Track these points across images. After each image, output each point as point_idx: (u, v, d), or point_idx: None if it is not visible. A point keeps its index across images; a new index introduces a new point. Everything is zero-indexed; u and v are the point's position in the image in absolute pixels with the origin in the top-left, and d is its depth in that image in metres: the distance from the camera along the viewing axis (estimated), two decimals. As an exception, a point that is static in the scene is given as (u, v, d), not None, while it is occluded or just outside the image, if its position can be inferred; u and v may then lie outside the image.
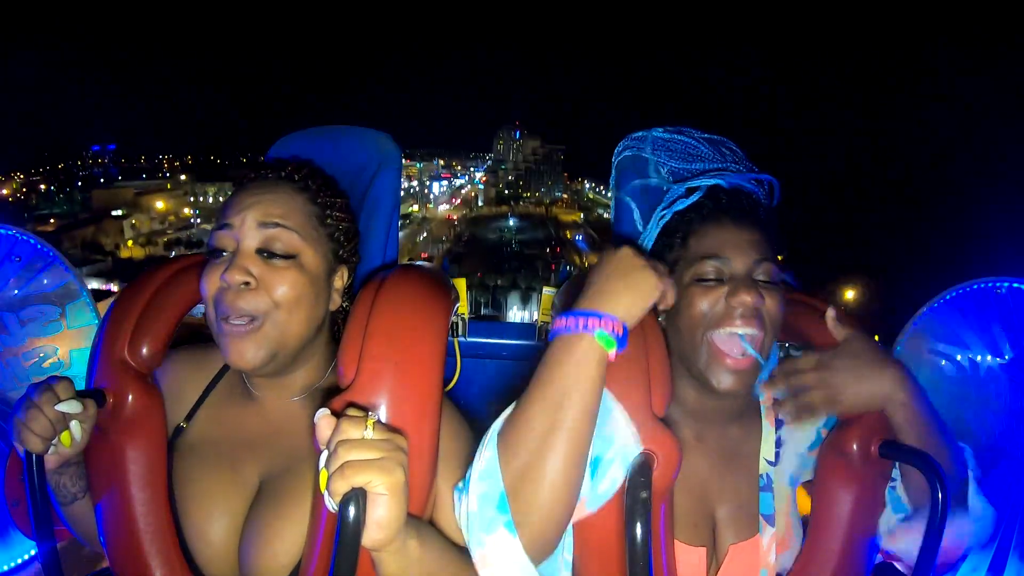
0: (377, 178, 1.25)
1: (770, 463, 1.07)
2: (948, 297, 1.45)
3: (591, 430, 0.82)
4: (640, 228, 1.18)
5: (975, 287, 1.42)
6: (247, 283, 0.91)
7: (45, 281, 1.54)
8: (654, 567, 0.83)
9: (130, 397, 0.97)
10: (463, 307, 1.40)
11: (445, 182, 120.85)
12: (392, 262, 1.23)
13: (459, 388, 1.42)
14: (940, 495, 0.89)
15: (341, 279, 1.04)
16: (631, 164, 1.25)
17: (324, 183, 1.05)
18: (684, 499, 1.01)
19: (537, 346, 1.51)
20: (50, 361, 1.56)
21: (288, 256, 0.94)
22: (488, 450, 0.83)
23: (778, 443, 1.08)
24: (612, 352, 0.82)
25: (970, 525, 0.97)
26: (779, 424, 1.09)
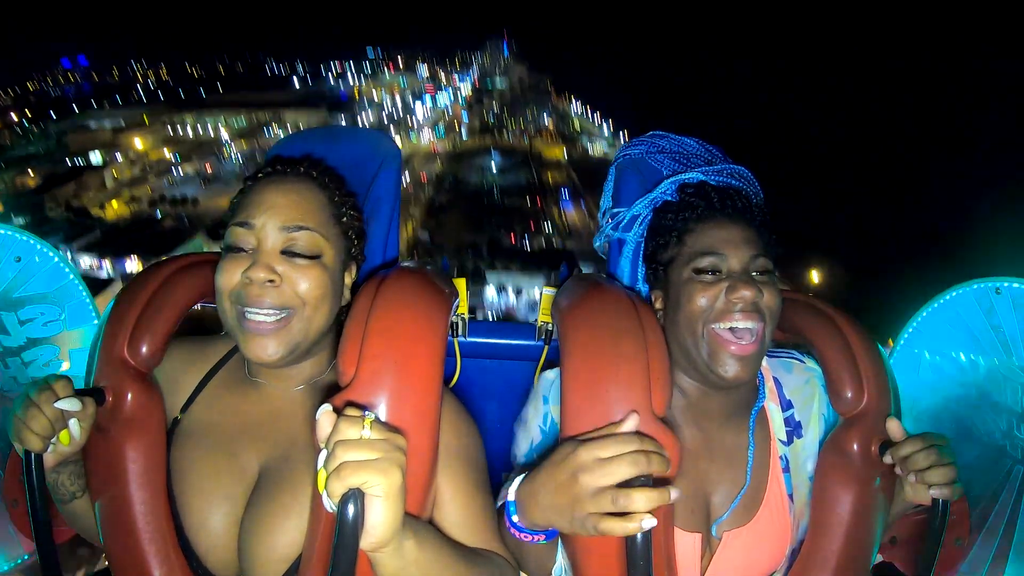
0: (378, 178, 1.26)
1: (783, 443, 1.09)
2: (948, 297, 1.45)
3: None
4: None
5: (975, 287, 1.42)
6: (271, 280, 0.91)
7: (45, 281, 1.54)
8: (654, 567, 0.83)
9: (129, 396, 0.97)
10: (463, 307, 1.40)
11: (429, 99, 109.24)
12: (392, 261, 1.23)
13: (459, 388, 1.42)
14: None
15: (351, 275, 1.05)
16: (631, 165, 1.27)
17: (339, 181, 1.06)
18: (683, 486, 1.01)
19: (537, 346, 1.51)
20: (50, 361, 1.56)
21: (311, 256, 0.95)
22: None
23: (790, 423, 1.10)
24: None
25: None
26: (786, 405, 1.11)
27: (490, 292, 41.20)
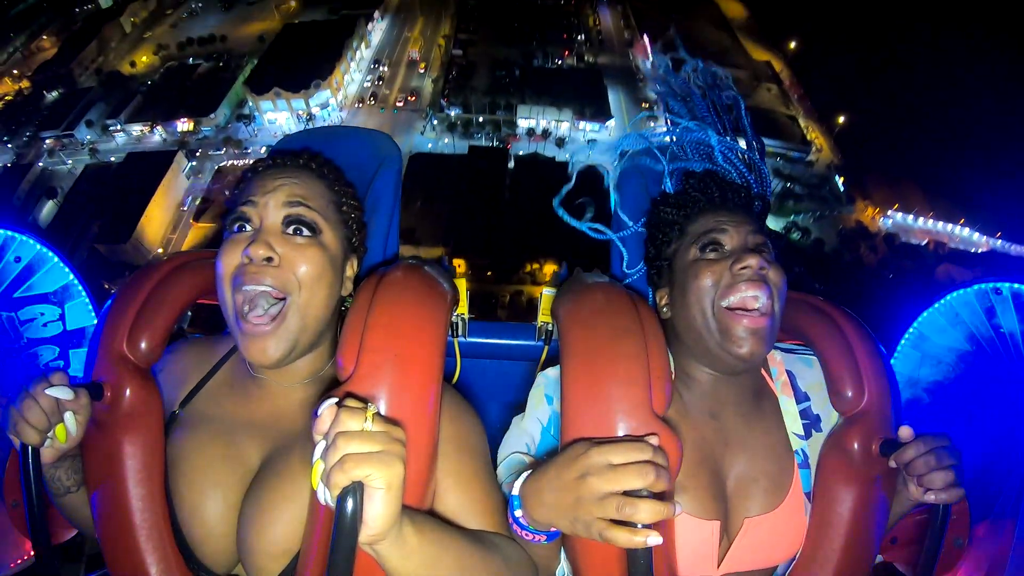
0: (378, 177, 1.27)
1: (800, 437, 1.08)
2: (949, 297, 1.45)
3: None
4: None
5: (975, 287, 1.42)
6: (270, 259, 0.91)
7: (45, 281, 1.55)
8: (655, 569, 0.83)
9: (128, 391, 0.97)
10: (463, 307, 1.40)
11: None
12: (392, 259, 1.24)
13: (459, 388, 1.41)
14: (941, 494, 0.89)
15: (352, 267, 1.06)
16: (634, 168, 1.28)
17: (338, 173, 1.08)
18: (699, 474, 1.02)
19: (537, 346, 1.51)
20: (50, 361, 1.56)
21: (310, 234, 0.95)
22: None
23: (806, 416, 1.10)
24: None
25: None
26: (802, 397, 1.11)
27: (522, 124, 43.41)
